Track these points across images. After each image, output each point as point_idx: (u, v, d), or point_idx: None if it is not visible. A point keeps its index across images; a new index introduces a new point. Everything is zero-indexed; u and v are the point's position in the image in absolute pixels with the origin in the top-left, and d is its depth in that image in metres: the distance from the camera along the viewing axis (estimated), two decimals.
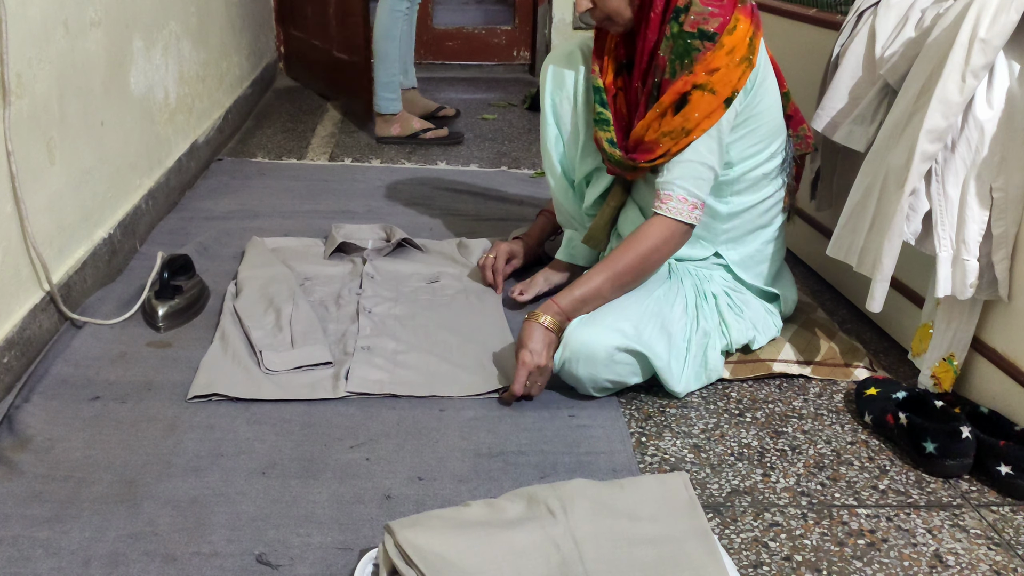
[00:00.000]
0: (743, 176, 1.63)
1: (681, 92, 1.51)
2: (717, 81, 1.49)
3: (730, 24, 1.49)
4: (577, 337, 1.53)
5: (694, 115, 1.50)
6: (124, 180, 2.15)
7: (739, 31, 1.49)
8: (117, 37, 2.10)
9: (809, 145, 1.73)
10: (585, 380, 1.55)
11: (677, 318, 1.60)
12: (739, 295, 1.71)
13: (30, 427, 1.43)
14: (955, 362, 1.55)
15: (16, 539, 1.19)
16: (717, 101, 1.50)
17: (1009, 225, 1.43)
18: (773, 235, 1.73)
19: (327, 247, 2.14)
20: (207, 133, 2.91)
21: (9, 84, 1.54)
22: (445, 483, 1.35)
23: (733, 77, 1.49)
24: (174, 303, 1.79)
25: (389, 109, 3.25)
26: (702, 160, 1.54)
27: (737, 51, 1.49)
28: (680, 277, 1.67)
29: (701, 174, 1.55)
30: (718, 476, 1.41)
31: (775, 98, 1.63)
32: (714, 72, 1.49)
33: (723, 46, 1.49)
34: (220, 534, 1.22)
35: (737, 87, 1.50)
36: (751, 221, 1.69)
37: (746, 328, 1.68)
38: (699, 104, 1.50)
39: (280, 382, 1.58)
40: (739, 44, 1.49)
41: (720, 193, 1.65)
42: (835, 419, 1.58)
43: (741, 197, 1.66)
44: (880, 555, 1.24)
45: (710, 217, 1.66)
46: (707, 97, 1.49)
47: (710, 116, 1.51)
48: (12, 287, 1.59)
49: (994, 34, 1.36)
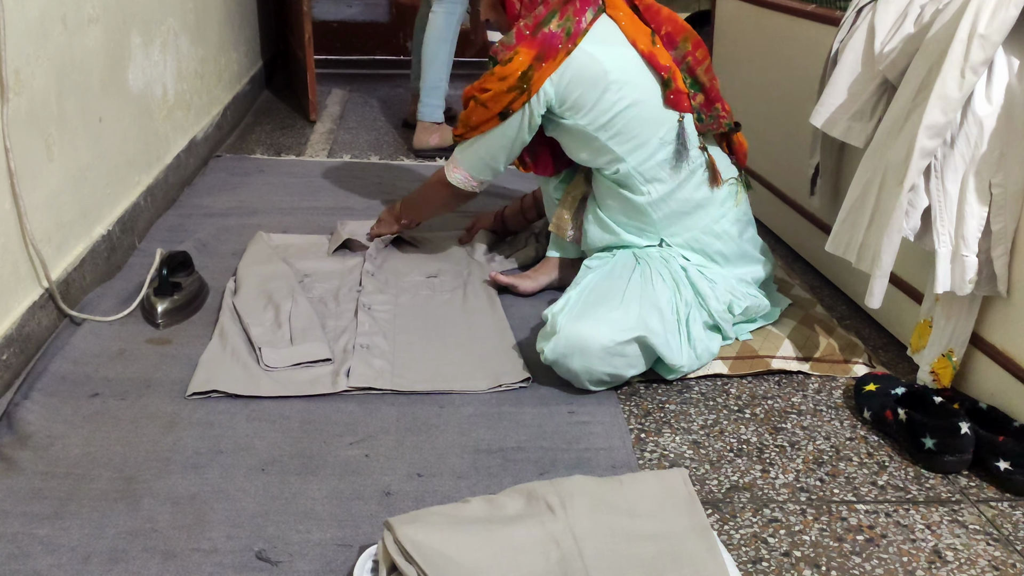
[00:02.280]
0: (640, 168, 1.72)
1: (466, 96, 1.78)
2: (487, 99, 1.72)
3: (508, 56, 1.70)
4: (570, 330, 1.54)
5: (472, 119, 1.77)
6: (123, 177, 2.14)
7: (513, 64, 1.68)
8: (115, 33, 2.10)
9: (722, 124, 1.78)
10: (581, 373, 1.55)
11: (661, 291, 1.65)
12: (706, 269, 1.74)
13: (29, 424, 1.43)
14: (954, 358, 1.55)
15: (16, 536, 1.20)
16: (489, 114, 1.73)
17: (1008, 221, 1.43)
18: (719, 214, 1.76)
19: (331, 243, 2.14)
20: (206, 130, 2.91)
21: (7, 81, 1.54)
22: (444, 479, 1.35)
23: (503, 101, 1.71)
24: (173, 300, 1.79)
25: (433, 117, 3.06)
26: (476, 147, 1.82)
27: (507, 81, 1.69)
28: (647, 260, 1.72)
29: (473, 154, 1.84)
30: (717, 472, 1.41)
31: (639, 96, 1.69)
32: (485, 92, 1.72)
33: (494, 74, 1.71)
34: (219, 531, 1.22)
35: (511, 108, 1.71)
36: (680, 205, 1.75)
37: (721, 294, 1.71)
38: (475, 112, 1.76)
39: (279, 379, 1.58)
40: (511, 75, 1.68)
41: (632, 188, 1.74)
42: (834, 415, 1.58)
43: (653, 185, 1.73)
44: (879, 551, 1.24)
45: (637, 210, 1.76)
46: (480, 109, 1.74)
47: (487, 123, 1.75)
48: (11, 284, 1.59)
49: (993, 30, 1.36)
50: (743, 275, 1.78)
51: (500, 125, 1.75)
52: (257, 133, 3.32)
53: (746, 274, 1.79)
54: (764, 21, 2.37)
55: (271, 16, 4.25)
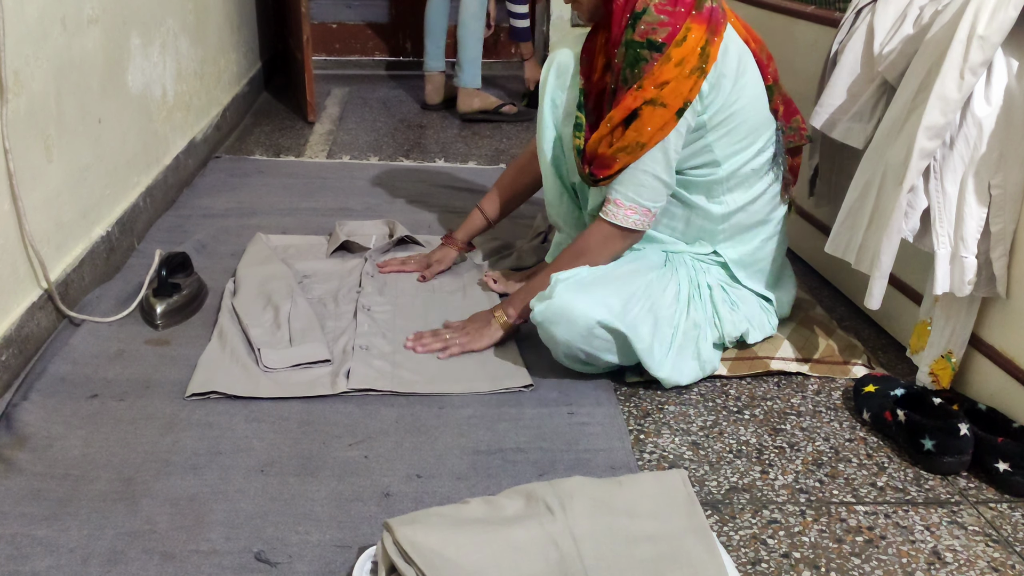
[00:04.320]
0: (733, 174, 1.63)
1: (631, 108, 1.52)
2: (667, 94, 1.49)
3: (679, 35, 1.48)
4: (562, 298, 1.53)
5: (646, 129, 1.51)
6: (122, 178, 2.14)
7: (689, 41, 1.49)
8: (115, 34, 2.10)
9: (803, 137, 1.72)
10: (560, 343, 1.55)
11: (667, 304, 1.60)
12: (735, 290, 1.70)
13: (28, 425, 1.43)
14: (953, 359, 1.55)
15: (14, 537, 1.19)
16: (669, 114, 1.51)
17: (1007, 222, 1.43)
18: (773, 231, 1.73)
19: (330, 244, 2.14)
20: (205, 130, 2.90)
21: (6, 82, 1.54)
22: (444, 481, 1.35)
23: (684, 89, 1.49)
24: (172, 301, 1.79)
25: (474, 83, 3.55)
26: (646, 169, 1.55)
27: (687, 62, 1.48)
28: (675, 266, 1.67)
29: (644, 182, 1.56)
30: (716, 473, 1.41)
31: (756, 93, 1.61)
32: (663, 85, 1.49)
33: (670, 58, 1.48)
34: (218, 532, 1.22)
35: (689, 98, 1.50)
36: (748, 218, 1.68)
37: (739, 321, 1.68)
38: (651, 118, 1.51)
39: (278, 380, 1.58)
40: (689, 55, 1.48)
41: (713, 194, 1.65)
42: (833, 416, 1.58)
43: (734, 195, 1.65)
44: (878, 552, 1.24)
45: (706, 220, 1.67)
46: (658, 111, 1.50)
47: (663, 128, 1.52)
48: (10, 285, 1.59)
49: (992, 31, 1.36)
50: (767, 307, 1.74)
51: (677, 124, 1.52)
52: (256, 134, 3.32)
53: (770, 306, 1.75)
54: (763, 22, 2.37)
55: (270, 17, 4.25)
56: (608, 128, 1.55)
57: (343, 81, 4.34)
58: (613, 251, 1.64)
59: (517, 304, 1.70)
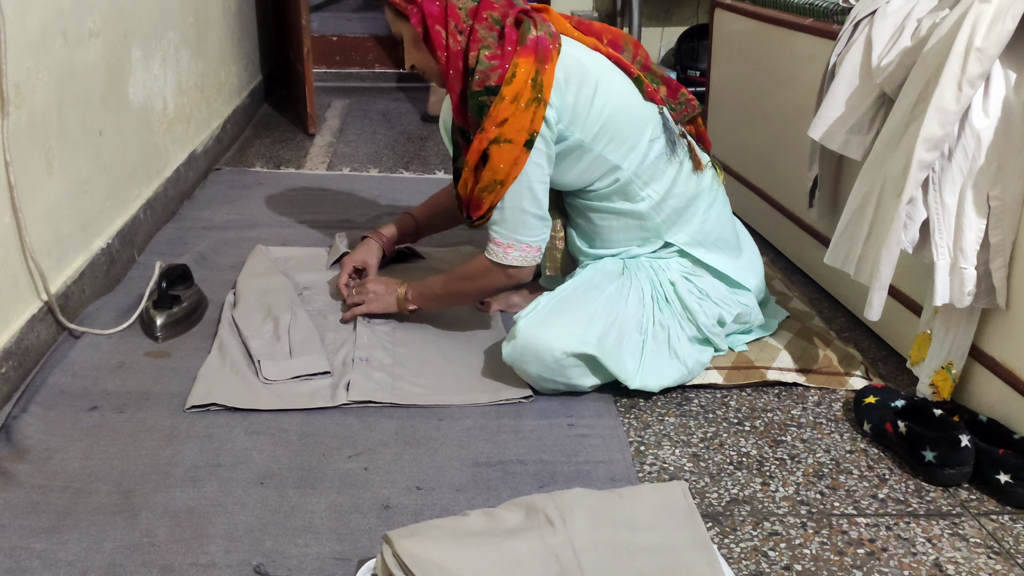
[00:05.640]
0: (639, 170, 1.65)
1: (480, 150, 1.56)
2: (508, 130, 1.53)
3: (508, 73, 1.53)
4: (525, 335, 1.56)
5: (499, 166, 1.55)
6: (122, 190, 2.15)
7: (519, 76, 1.53)
8: (116, 47, 2.11)
9: (694, 107, 1.76)
10: (535, 379, 1.59)
11: (632, 312, 1.62)
12: (699, 278, 1.71)
13: (28, 437, 1.42)
14: (954, 370, 1.55)
15: (13, 550, 1.19)
16: (516, 148, 1.54)
17: (1006, 233, 1.43)
18: (711, 199, 1.74)
19: (330, 256, 2.15)
20: (205, 143, 2.91)
21: (8, 94, 1.54)
22: (443, 493, 1.34)
23: (524, 121, 1.53)
24: (172, 313, 1.79)
25: None
26: (513, 205, 1.59)
27: (521, 96, 1.53)
28: (634, 272, 1.68)
29: (514, 217, 1.60)
30: (717, 485, 1.40)
31: (624, 93, 1.64)
32: (503, 123, 1.53)
33: (504, 97, 1.53)
34: (218, 544, 1.21)
35: (533, 128, 1.54)
36: (677, 200, 1.70)
37: (710, 308, 1.68)
38: (499, 156, 1.54)
39: (278, 392, 1.58)
40: (522, 89, 1.53)
41: (631, 195, 1.67)
42: (834, 428, 1.58)
43: (651, 188, 1.67)
44: (880, 564, 1.24)
45: (640, 219, 1.69)
46: (505, 147, 1.54)
47: (516, 163, 1.55)
48: (10, 297, 1.59)
49: (990, 43, 1.37)
50: (740, 267, 1.75)
51: (530, 156, 1.56)
52: (256, 146, 3.33)
53: (743, 266, 1.76)
54: (762, 35, 2.38)
55: (271, 30, 4.26)
56: (468, 172, 1.59)
57: (343, 93, 4.35)
58: (496, 284, 1.69)
59: (419, 289, 1.79)
